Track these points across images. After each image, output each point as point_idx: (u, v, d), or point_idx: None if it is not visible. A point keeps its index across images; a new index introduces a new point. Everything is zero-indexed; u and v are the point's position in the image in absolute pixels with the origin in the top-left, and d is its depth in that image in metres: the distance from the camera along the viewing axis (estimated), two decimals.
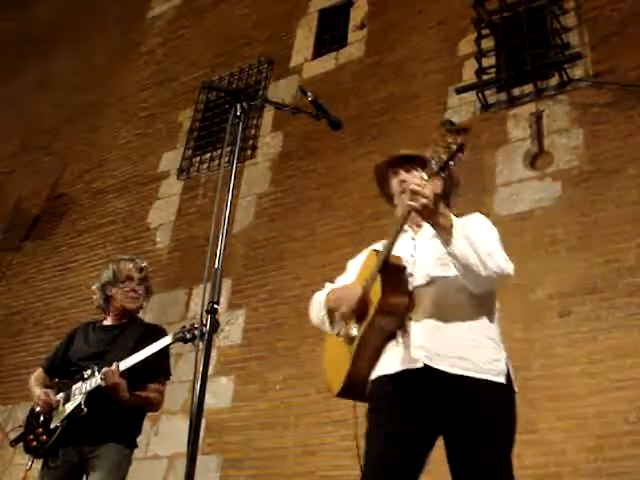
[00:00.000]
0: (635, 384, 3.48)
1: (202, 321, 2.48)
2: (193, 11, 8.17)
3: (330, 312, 2.15)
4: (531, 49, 4.95)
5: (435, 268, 1.99)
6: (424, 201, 1.78)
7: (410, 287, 1.97)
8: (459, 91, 5.13)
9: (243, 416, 4.70)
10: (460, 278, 1.91)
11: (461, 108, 5.15)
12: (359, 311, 1.99)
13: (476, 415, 1.83)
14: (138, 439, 3.09)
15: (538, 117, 4.73)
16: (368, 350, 1.96)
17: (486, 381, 1.86)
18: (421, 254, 2.05)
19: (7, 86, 9.31)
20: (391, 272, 1.95)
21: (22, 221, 7.55)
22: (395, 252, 2.01)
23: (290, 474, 4.27)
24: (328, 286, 2.28)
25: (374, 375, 1.97)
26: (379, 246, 2.13)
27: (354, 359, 1.96)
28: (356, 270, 2.19)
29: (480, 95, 5.01)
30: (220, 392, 4.85)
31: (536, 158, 4.59)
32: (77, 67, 8.76)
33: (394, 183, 2.17)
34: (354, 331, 1.98)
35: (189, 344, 2.82)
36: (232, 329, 5.18)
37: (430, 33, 5.76)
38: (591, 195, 4.22)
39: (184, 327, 2.84)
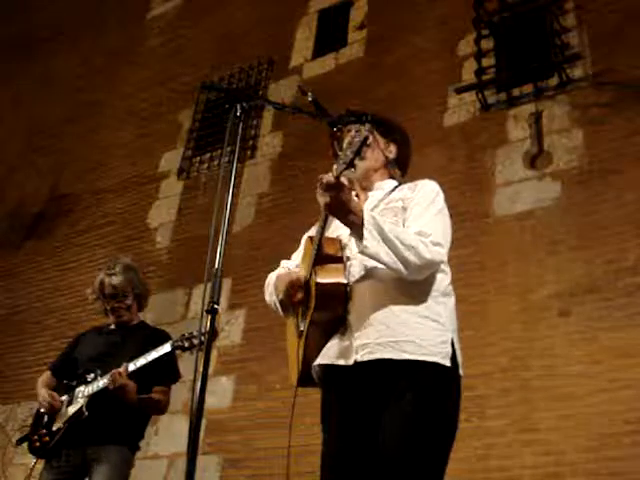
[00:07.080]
0: (635, 384, 3.47)
1: (200, 330, 2.48)
2: (193, 11, 8.16)
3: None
4: (531, 49, 4.96)
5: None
6: (327, 200, 1.76)
7: (349, 275, 1.93)
8: (459, 91, 5.13)
9: (243, 416, 4.70)
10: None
11: (461, 108, 5.15)
12: (302, 298, 1.98)
13: (409, 395, 1.78)
14: None
15: (538, 117, 4.73)
16: (315, 344, 1.97)
17: (430, 363, 1.80)
18: None
19: (8, 86, 9.30)
20: (325, 263, 1.93)
21: (22, 221, 7.54)
22: (332, 230, 2.01)
23: (290, 474, 4.26)
24: (283, 264, 2.26)
25: (317, 362, 1.98)
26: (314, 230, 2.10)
27: (305, 353, 1.97)
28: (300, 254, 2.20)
29: (480, 95, 5.01)
30: (220, 392, 4.84)
31: (536, 158, 4.59)
32: (77, 67, 8.75)
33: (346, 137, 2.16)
34: (301, 326, 1.99)
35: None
36: (232, 329, 5.18)
37: (430, 33, 5.76)
38: (591, 195, 4.22)
39: (183, 335, 2.86)
